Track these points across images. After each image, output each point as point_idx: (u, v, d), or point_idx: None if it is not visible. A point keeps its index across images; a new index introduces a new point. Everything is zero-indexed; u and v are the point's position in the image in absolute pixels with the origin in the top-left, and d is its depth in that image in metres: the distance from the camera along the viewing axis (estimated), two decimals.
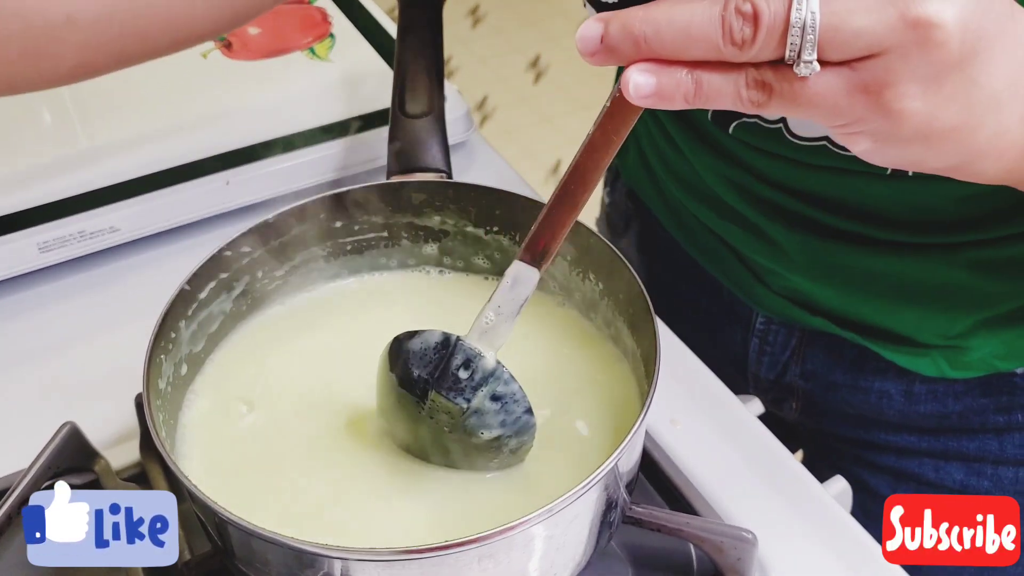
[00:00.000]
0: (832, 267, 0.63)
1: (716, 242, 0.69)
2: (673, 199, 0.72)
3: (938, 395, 0.66)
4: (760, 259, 0.66)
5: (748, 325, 0.72)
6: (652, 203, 0.75)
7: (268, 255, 0.57)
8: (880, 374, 0.67)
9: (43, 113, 0.79)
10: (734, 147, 0.62)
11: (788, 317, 0.68)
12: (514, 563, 0.44)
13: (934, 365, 0.64)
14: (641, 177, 0.75)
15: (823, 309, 0.66)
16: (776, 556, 0.55)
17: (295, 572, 0.44)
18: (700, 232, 0.70)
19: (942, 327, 0.62)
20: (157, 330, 0.49)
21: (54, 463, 0.53)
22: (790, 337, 0.70)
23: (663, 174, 0.71)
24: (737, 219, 0.65)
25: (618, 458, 0.44)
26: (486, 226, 0.59)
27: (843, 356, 0.68)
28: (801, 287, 0.65)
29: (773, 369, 0.72)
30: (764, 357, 0.72)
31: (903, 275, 0.61)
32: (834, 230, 0.61)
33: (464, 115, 0.80)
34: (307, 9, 0.91)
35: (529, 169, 2.33)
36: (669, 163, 0.70)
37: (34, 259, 0.68)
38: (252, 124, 0.77)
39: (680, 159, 0.68)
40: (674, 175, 0.70)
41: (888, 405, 0.67)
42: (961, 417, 0.66)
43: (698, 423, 0.62)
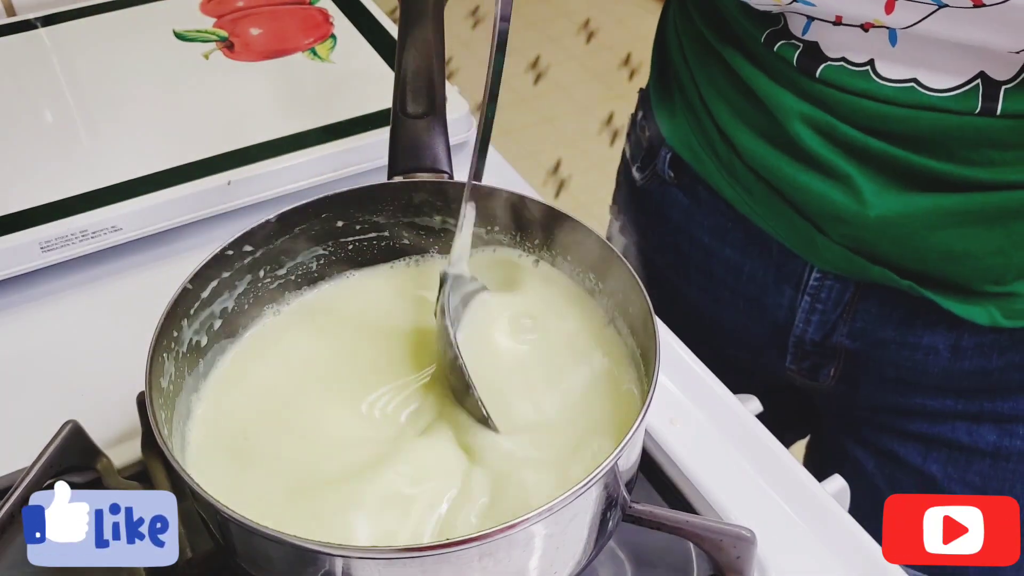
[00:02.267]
0: (905, 208, 0.62)
1: (775, 195, 0.68)
2: (728, 155, 0.71)
3: (984, 349, 0.67)
4: (830, 204, 0.65)
5: (799, 283, 0.71)
6: (701, 163, 0.74)
7: (270, 254, 0.57)
8: (930, 328, 0.68)
9: (45, 112, 0.80)
10: (819, 90, 0.62)
11: (846, 269, 0.68)
12: (514, 561, 0.44)
13: (987, 314, 0.65)
14: (690, 138, 0.75)
15: (884, 257, 0.65)
16: (775, 554, 0.55)
17: (297, 570, 0.44)
18: (758, 186, 0.69)
19: (997, 272, 0.64)
20: (159, 329, 0.50)
21: (56, 462, 0.53)
22: (844, 292, 0.70)
23: (728, 125, 0.70)
24: (812, 162, 0.65)
25: (618, 457, 0.44)
26: (487, 226, 0.59)
27: (896, 310, 0.68)
28: (866, 234, 0.65)
29: (821, 329, 0.72)
30: (814, 316, 0.71)
31: (973, 214, 0.61)
32: (914, 169, 0.61)
33: (465, 115, 0.80)
34: (308, 10, 0.91)
35: (529, 169, 2.33)
36: (740, 111, 0.69)
37: (36, 258, 0.68)
38: (254, 124, 0.77)
39: (755, 107, 0.67)
40: (744, 123, 0.69)
41: (933, 362, 0.69)
42: (1002, 373, 0.68)
43: (698, 422, 0.62)
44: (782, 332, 0.74)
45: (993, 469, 0.71)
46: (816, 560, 0.56)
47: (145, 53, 0.86)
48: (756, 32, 0.65)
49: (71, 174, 0.73)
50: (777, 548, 0.55)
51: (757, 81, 0.66)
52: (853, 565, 0.55)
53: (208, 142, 0.75)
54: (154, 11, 0.91)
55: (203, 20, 0.90)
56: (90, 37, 0.88)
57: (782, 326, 0.74)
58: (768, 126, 0.66)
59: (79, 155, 0.76)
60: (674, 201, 0.79)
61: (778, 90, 0.64)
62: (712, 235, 0.76)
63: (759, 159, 0.68)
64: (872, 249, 0.65)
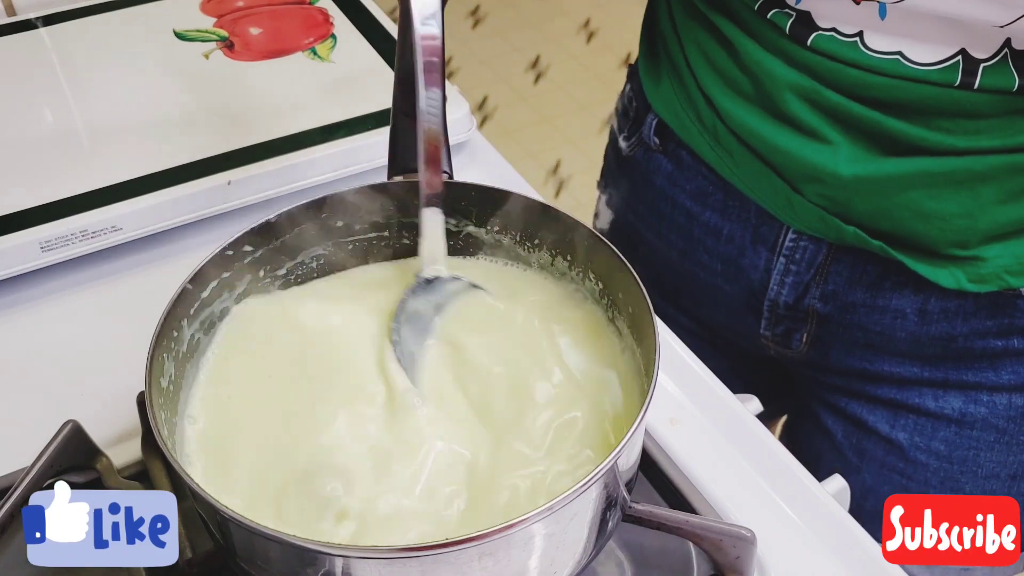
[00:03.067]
0: (879, 170, 0.65)
1: (756, 158, 0.71)
2: (712, 119, 0.73)
3: (949, 315, 0.69)
4: (808, 165, 0.67)
5: (775, 244, 0.74)
6: (684, 129, 0.76)
7: (270, 254, 0.57)
8: (898, 290, 0.70)
9: (45, 112, 0.80)
10: (809, 57, 0.65)
11: (820, 230, 0.70)
12: (514, 561, 0.44)
13: (952, 277, 0.67)
14: (674, 104, 0.77)
15: (857, 218, 0.68)
16: (775, 554, 0.55)
17: (296, 570, 0.44)
18: (739, 149, 0.72)
19: (963, 235, 0.66)
20: (159, 329, 0.50)
21: (56, 461, 0.53)
22: (817, 253, 0.72)
23: (712, 90, 0.72)
24: (795, 126, 0.67)
25: (617, 456, 0.44)
26: (487, 225, 0.59)
27: (866, 272, 0.71)
28: (840, 193, 0.67)
29: (794, 291, 0.74)
30: (788, 278, 0.74)
31: (943, 176, 0.64)
32: (892, 133, 0.64)
33: (465, 115, 0.80)
34: (308, 10, 0.91)
35: (529, 169, 2.33)
36: (726, 76, 0.71)
37: (36, 258, 0.68)
38: (254, 124, 0.77)
39: (742, 72, 0.69)
40: (730, 88, 0.71)
41: (901, 327, 0.71)
42: (966, 340, 0.70)
43: (697, 422, 0.63)
44: (757, 295, 0.76)
45: (958, 437, 0.73)
46: (816, 560, 0.56)
47: (145, 53, 0.86)
48: (750, 0, 0.67)
49: (71, 174, 0.73)
50: (777, 548, 0.55)
51: (746, 47, 0.68)
52: (853, 565, 0.55)
53: (208, 142, 0.75)
54: (154, 11, 0.91)
55: (203, 20, 0.90)
56: (90, 37, 0.88)
57: (757, 288, 0.76)
58: (754, 92, 0.69)
59: (79, 155, 0.76)
60: (658, 167, 0.81)
61: (768, 57, 0.67)
62: (693, 199, 0.78)
63: (743, 123, 0.70)
64: (846, 209, 0.68)
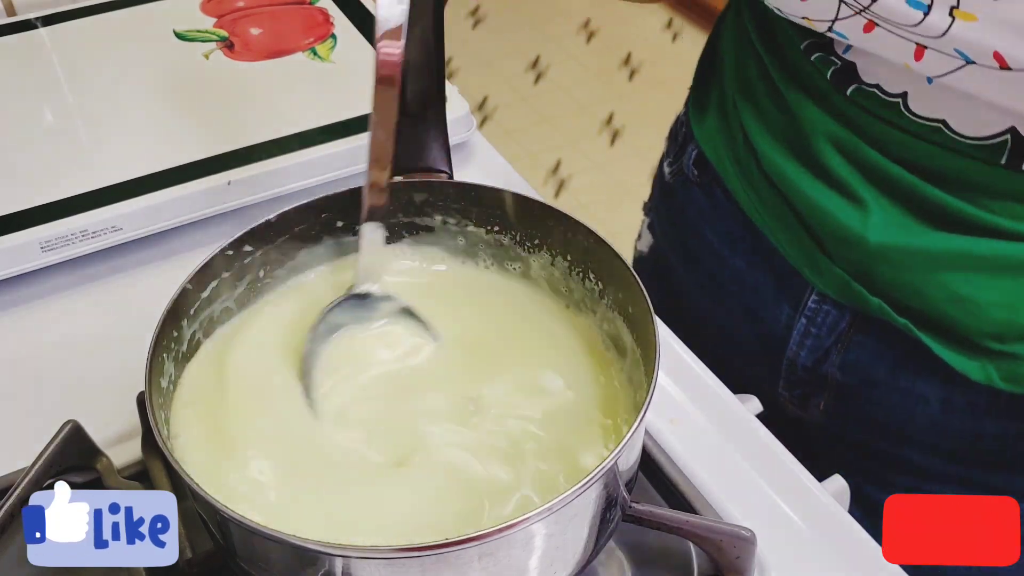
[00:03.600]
0: (912, 240, 0.60)
1: (786, 207, 0.67)
2: (748, 159, 0.70)
3: (976, 411, 0.64)
4: (836, 222, 0.63)
5: (798, 302, 0.69)
6: (722, 164, 0.73)
7: (270, 254, 0.57)
8: (923, 375, 0.65)
9: (45, 112, 0.80)
10: (848, 108, 0.61)
11: (845, 295, 0.65)
12: (514, 561, 0.44)
13: (983, 371, 0.62)
14: (715, 138, 0.74)
15: (884, 290, 0.63)
16: (775, 554, 0.55)
17: (297, 570, 0.44)
18: (770, 194, 0.68)
19: (1000, 327, 0.60)
20: (159, 329, 0.50)
21: (56, 461, 0.53)
22: (840, 320, 0.67)
23: (752, 129, 0.69)
24: (828, 178, 0.63)
25: (617, 456, 0.44)
26: (487, 225, 0.59)
27: (891, 349, 0.66)
28: (867, 260, 0.63)
29: (813, 354, 0.70)
30: (808, 339, 0.69)
31: (983, 260, 0.59)
32: (929, 202, 0.59)
33: (465, 115, 0.80)
34: (308, 10, 0.91)
35: (529, 169, 2.33)
36: (766, 117, 0.67)
37: (36, 258, 0.69)
38: (254, 124, 0.77)
39: (782, 114, 0.66)
40: (768, 130, 0.67)
41: (923, 413, 0.66)
42: (994, 440, 0.64)
43: (697, 422, 0.63)
44: (777, 351, 0.72)
45: None
46: (816, 560, 0.56)
47: (145, 53, 0.86)
48: (797, 39, 0.63)
49: (71, 174, 0.73)
50: (777, 548, 0.55)
51: (787, 87, 0.65)
52: (853, 565, 0.55)
53: (208, 142, 0.75)
54: (154, 11, 0.91)
55: (203, 20, 0.90)
56: (90, 37, 0.88)
57: (777, 345, 0.72)
58: (791, 136, 0.65)
59: (79, 155, 0.76)
60: (693, 200, 0.78)
61: (807, 102, 0.63)
62: (722, 240, 0.75)
63: (776, 167, 0.66)
64: (872, 278, 0.63)
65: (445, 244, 0.60)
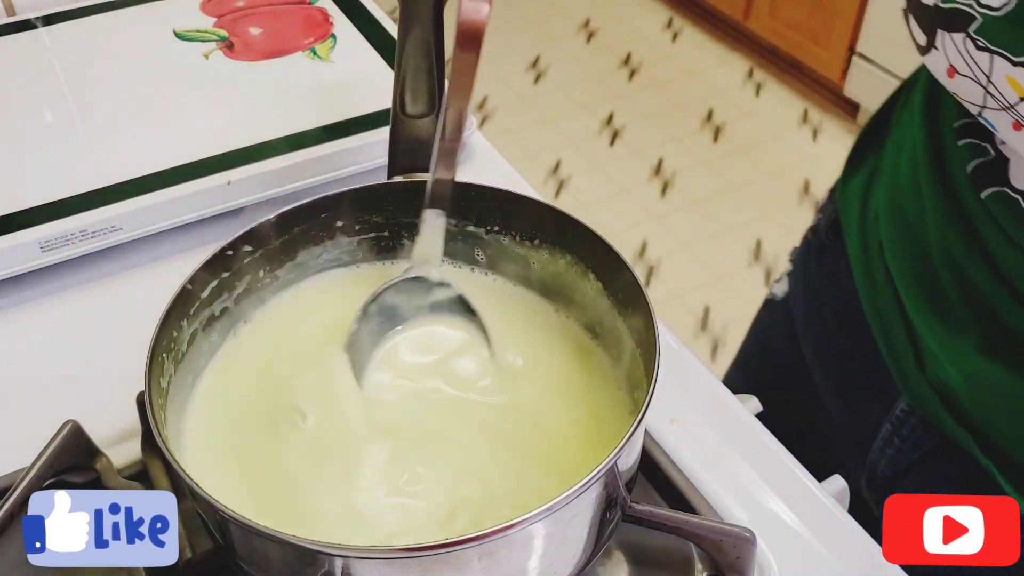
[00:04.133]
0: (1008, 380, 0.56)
1: (894, 303, 0.63)
2: (874, 238, 0.65)
3: None
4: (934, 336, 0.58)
5: (889, 407, 0.65)
6: (850, 237, 0.69)
7: (270, 254, 0.57)
8: None
9: (44, 112, 0.80)
10: (974, 209, 0.55)
11: (931, 415, 0.61)
12: (514, 561, 0.44)
13: None
14: (853, 206, 0.69)
15: (972, 422, 0.58)
16: (775, 554, 0.55)
17: (297, 570, 0.44)
18: (882, 286, 0.64)
19: None
20: (159, 329, 0.50)
21: (56, 461, 0.53)
22: (924, 440, 0.63)
23: (881, 209, 0.64)
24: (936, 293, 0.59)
25: (617, 456, 0.44)
26: (486, 225, 0.59)
27: (970, 487, 0.60)
28: (958, 383, 0.58)
29: (893, 466, 0.66)
30: (890, 449, 0.66)
31: None
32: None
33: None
34: (308, 10, 0.91)
35: (529, 169, 2.33)
36: (897, 204, 0.63)
37: (36, 258, 0.68)
38: (253, 124, 0.77)
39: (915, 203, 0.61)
40: (894, 216, 0.63)
41: None
42: None
43: (697, 422, 0.62)
44: (863, 447, 0.68)
45: None
46: (816, 560, 0.56)
47: (145, 53, 0.86)
48: (953, 116, 0.57)
49: (71, 174, 0.73)
50: (777, 548, 0.55)
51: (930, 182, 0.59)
52: (853, 565, 0.55)
53: (208, 142, 0.75)
54: (154, 11, 0.91)
55: (203, 20, 0.90)
56: (90, 37, 0.88)
57: (864, 442, 0.68)
58: (914, 228, 0.61)
59: (79, 155, 0.76)
60: (822, 263, 0.74)
61: (942, 203, 0.58)
62: (835, 314, 0.71)
63: (896, 258, 0.62)
64: (959, 403, 0.59)
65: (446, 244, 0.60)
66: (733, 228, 2.21)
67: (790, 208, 2.27)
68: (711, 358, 1.89)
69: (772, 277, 2.06)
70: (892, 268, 0.63)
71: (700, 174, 2.34)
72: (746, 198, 2.29)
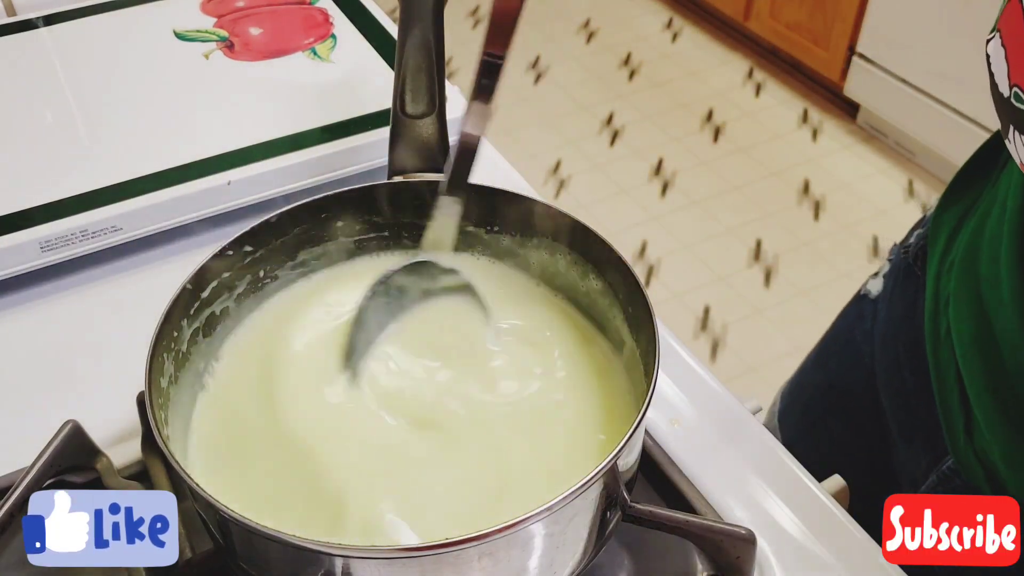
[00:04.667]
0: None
1: (952, 364, 0.60)
2: (944, 293, 0.62)
3: None
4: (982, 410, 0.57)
5: (938, 460, 0.63)
6: (930, 276, 0.65)
7: (270, 254, 0.57)
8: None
9: (45, 112, 0.80)
10: None
11: (973, 479, 0.60)
12: (514, 561, 0.44)
13: None
14: (939, 243, 0.65)
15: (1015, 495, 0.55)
16: (775, 554, 0.55)
17: (296, 570, 0.44)
18: (944, 343, 0.61)
19: None
20: (159, 329, 0.50)
21: (56, 461, 0.53)
22: None
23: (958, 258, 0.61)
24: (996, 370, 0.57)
25: (617, 456, 0.44)
26: (487, 225, 0.59)
27: None
28: (997, 459, 0.57)
29: None
30: None
31: None
32: None
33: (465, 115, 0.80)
34: (308, 10, 0.91)
35: (529, 169, 2.33)
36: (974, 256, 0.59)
37: (36, 258, 0.68)
38: (254, 124, 0.77)
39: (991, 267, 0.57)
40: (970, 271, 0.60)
41: None
42: None
43: (697, 422, 0.62)
44: (912, 487, 0.66)
45: None
46: (816, 560, 0.56)
47: (145, 53, 0.86)
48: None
49: (71, 173, 0.73)
50: (777, 548, 0.55)
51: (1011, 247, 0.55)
52: (853, 565, 0.55)
53: (208, 142, 0.75)
54: (154, 11, 0.91)
55: (203, 20, 0.90)
56: (91, 37, 0.88)
57: (913, 483, 0.66)
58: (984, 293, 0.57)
59: (79, 154, 0.75)
60: (906, 287, 0.70)
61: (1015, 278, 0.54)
62: (905, 346, 0.68)
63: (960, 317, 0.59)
64: (1002, 478, 0.57)
65: None
66: (733, 228, 2.21)
67: (790, 208, 2.27)
68: (711, 358, 1.89)
69: (772, 277, 2.06)
70: (953, 328, 0.60)
71: (700, 174, 2.34)
72: (746, 198, 2.29)
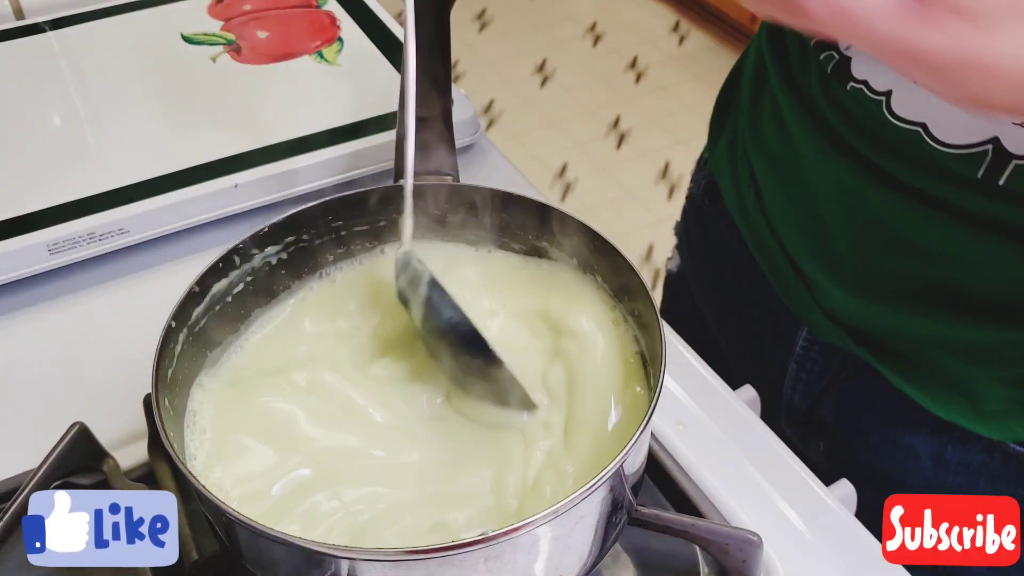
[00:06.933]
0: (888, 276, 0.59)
1: (776, 242, 0.67)
2: (747, 191, 0.69)
3: (970, 471, 0.62)
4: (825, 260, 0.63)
5: (790, 345, 0.69)
6: (727, 194, 0.73)
7: (277, 257, 0.57)
8: (912, 428, 0.64)
9: (52, 115, 0.80)
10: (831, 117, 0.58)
11: (830, 339, 0.66)
12: (520, 564, 0.44)
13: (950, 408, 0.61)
14: (724, 167, 0.73)
15: (865, 332, 0.63)
16: (781, 558, 0.55)
17: (302, 572, 0.44)
18: (765, 229, 0.68)
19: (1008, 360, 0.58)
20: (166, 331, 0.50)
21: (63, 463, 0.53)
22: (828, 365, 0.67)
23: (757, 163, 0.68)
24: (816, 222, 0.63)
25: (623, 459, 0.44)
26: (492, 228, 0.59)
27: (878, 400, 0.65)
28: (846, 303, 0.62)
29: (806, 399, 0.70)
30: (799, 384, 0.70)
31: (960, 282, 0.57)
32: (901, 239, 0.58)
33: (471, 118, 0.80)
34: (316, 13, 0.91)
35: (535, 172, 2.33)
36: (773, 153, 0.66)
37: (44, 260, 0.69)
38: (261, 127, 0.77)
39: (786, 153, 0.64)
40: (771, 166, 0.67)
41: (914, 468, 0.64)
42: None
43: (703, 425, 0.62)
44: (775, 390, 0.72)
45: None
46: (822, 564, 0.56)
47: (153, 56, 0.86)
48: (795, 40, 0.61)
49: (79, 176, 0.73)
50: (783, 552, 0.55)
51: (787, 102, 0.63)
52: (860, 569, 0.55)
53: (215, 145, 0.76)
54: (162, 14, 0.92)
55: (210, 23, 0.90)
56: (98, 40, 0.88)
57: (775, 384, 0.72)
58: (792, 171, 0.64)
59: (87, 157, 0.76)
60: (706, 228, 0.77)
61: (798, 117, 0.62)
62: (726, 272, 0.75)
63: (777, 204, 0.66)
64: (852, 320, 0.63)
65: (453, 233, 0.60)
66: None
67: None
68: None
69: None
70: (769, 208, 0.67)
71: None
72: None
